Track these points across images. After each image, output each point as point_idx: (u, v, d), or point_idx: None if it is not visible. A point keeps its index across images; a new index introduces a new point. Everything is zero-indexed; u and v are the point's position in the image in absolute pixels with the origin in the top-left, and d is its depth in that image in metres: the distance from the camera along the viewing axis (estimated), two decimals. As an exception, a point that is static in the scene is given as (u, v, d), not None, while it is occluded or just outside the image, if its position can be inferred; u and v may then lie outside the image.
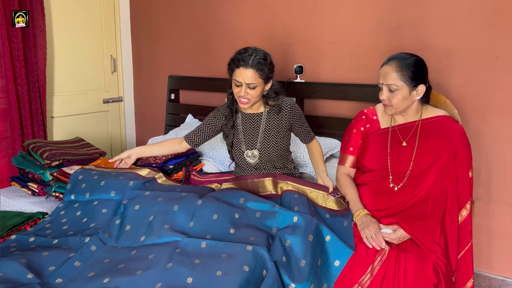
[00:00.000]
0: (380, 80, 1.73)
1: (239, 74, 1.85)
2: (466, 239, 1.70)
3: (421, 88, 1.72)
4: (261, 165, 2.04)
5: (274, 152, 2.01)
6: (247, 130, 2.03)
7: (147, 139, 2.98)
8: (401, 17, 2.32)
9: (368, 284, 1.58)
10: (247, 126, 2.03)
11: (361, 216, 1.71)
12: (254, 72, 1.84)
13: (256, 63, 1.84)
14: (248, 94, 1.88)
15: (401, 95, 1.70)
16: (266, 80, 1.90)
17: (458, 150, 1.71)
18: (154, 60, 3.40)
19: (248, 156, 2.02)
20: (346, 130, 1.95)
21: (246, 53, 1.86)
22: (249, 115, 2.03)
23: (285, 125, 2.01)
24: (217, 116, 2.08)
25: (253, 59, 1.84)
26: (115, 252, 1.50)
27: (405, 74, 1.67)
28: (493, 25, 2.10)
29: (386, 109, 1.76)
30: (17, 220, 1.79)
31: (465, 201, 1.70)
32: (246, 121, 2.03)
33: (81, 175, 1.93)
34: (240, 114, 2.05)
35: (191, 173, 2.35)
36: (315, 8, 2.59)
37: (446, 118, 1.78)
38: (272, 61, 1.92)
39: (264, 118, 2.01)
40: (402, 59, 1.69)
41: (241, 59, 1.85)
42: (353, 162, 1.91)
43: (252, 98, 1.89)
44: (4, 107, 2.63)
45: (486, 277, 2.27)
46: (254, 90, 1.88)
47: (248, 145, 2.02)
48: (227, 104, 2.05)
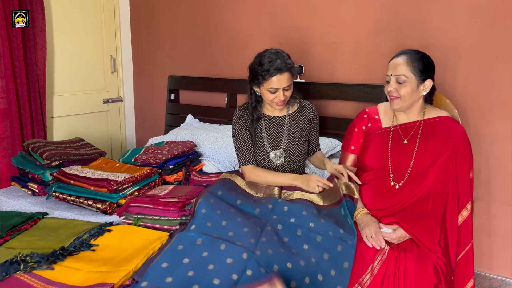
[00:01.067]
0: (388, 72, 1.75)
1: (277, 81, 1.88)
2: (467, 239, 1.70)
3: (428, 84, 1.74)
4: (285, 164, 2.05)
5: (298, 151, 2.05)
6: (271, 133, 2.05)
7: (147, 139, 2.98)
8: (401, 17, 2.33)
9: (368, 284, 1.58)
10: (270, 128, 2.05)
11: (361, 215, 1.72)
12: (289, 75, 1.90)
13: (289, 66, 1.90)
14: (284, 96, 1.93)
15: (410, 87, 1.71)
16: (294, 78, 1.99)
17: (459, 150, 1.72)
18: (154, 60, 3.40)
19: (273, 156, 2.03)
20: (347, 129, 1.95)
21: (277, 59, 1.87)
22: (273, 118, 2.06)
23: (306, 127, 2.07)
24: (244, 127, 2.04)
25: (285, 63, 1.88)
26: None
27: (416, 66, 1.70)
28: (493, 25, 2.10)
29: (393, 103, 1.76)
30: (17, 220, 1.80)
31: (466, 201, 1.70)
32: (270, 124, 2.05)
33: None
34: (264, 118, 2.06)
35: (191, 173, 2.35)
36: (315, 8, 2.59)
37: (448, 119, 1.79)
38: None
39: (287, 120, 2.05)
40: (412, 53, 1.74)
41: (275, 68, 1.86)
42: (354, 160, 1.91)
43: (287, 98, 1.96)
44: (4, 107, 2.63)
45: (486, 277, 2.27)
46: (289, 91, 1.94)
47: (273, 146, 2.04)
48: (248, 112, 2.03)
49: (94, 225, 1.79)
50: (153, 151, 2.37)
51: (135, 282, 1.36)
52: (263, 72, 1.87)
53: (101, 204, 1.93)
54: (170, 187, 2.11)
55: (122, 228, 1.74)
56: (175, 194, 1.96)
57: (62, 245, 1.59)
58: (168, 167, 2.29)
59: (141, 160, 2.31)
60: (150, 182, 2.13)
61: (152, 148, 2.44)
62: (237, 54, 2.92)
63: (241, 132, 2.03)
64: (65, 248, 1.56)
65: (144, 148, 2.50)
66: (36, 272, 1.39)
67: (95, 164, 2.27)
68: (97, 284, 1.33)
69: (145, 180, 2.11)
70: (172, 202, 1.83)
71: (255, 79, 1.92)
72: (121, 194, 1.97)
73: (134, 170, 2.15)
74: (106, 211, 1.93)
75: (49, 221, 1.85)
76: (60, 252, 1.52)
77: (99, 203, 1.94)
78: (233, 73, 2.94)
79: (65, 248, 1.57)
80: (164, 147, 2.46)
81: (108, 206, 1.94)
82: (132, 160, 2.35)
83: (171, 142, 2.57)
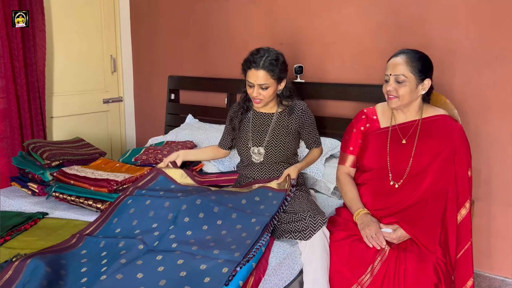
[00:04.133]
0: (387, 72, 1.75)
1: (251, 75, 1.88)
2: (466, 238, 1.70)
3: (427, 83, 1.74)
4: (265, 164, 2.02)
5: (281, 152, 2.01)
6: (256, 128, 2.04)
7: (147, 139, 2.98)
8: (401, 18, 2.33)
9: (368, 284, 1.58)
10: (257, 124, 2.05)
11: (361, 215, 1.72)
12: (266, 73, 1.87)
13: (267, 64, 1.86)
14: (261, 95, 1.91)
15: (409, 87, 1.71)
16: (279, 81, 1.93)
17: (457, 148, 1.72)
18: (154, 60, 3.40)
19: (254, 152, 2.02)
20: (346, 130, 1.95)
21: (258, 54, 1.88)
22: (261, 114, 2.05)
23: (294, 128, 2.02)
24: (233, 115, 2.12)
25: (264, 60, 1.86)
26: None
27: (415, 66, 1.70)
28: (493, 26, 2.10)
29: (391, 101, 1.76)
30: (17, 220, 1.80)
31: (465, 200, 1.71)
32: (257, 119, 2.05)
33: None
34: (252, 112, 2.07)
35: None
36: (316, 8, 2.59)
37: (446, 118, 1.79)
38: (285, 61, 1.94)
39: (275, 118, 2.03)
40: (411, 53, 1.74)
41: (252, 61, 1.87)
42: (353, 161, 1.91)
43: (264, 98, 1.92)
44: (4, 107, 2.63)
45: (486, 277, 2.27)
46: (266, 90, 1.90)
47: (255, 142, 2.03)
48: (240, 102, 2.09)
49: (94, 225, 1.79)
50: (153, 151, 2.37)
51: None
52: (244, 63, 1.93)
53: (101, 204, 1.93)
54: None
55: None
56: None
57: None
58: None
59: (141, 160, 2.31)
60: (150, 182, 2.13)
61: (152, 148, 2.44)
62: (237, 54, 2.91)
63: (228, 119, 2.14)
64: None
65: (144, 148, 2.50)
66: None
67: (95, 164, 2.27)
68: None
69: (145, 180, 2.11)
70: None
71: (241, 69, 1.96)
72: (121, 194, 1.97)
73: (134, 170, 2.15)
74: (106, 211, 1.93)
75: (49, 221, 1.85)
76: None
77: (99, 203, 1.94)
78: (233, 73, 2.93)
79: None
80: (164, 147, 2.46)
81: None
82: (132, 160, 2.35)
83: (171, 142, 2.57)
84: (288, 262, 1.65)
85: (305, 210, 1.72)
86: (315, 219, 1.67)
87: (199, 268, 1.39)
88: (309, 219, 1.67)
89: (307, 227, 1.66)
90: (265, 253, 1.58)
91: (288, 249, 1.68)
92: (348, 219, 1.79)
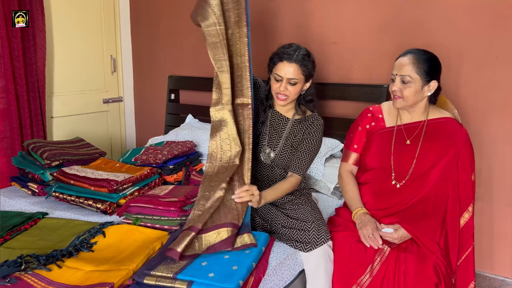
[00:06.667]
0: (394, 72, 1.74)
1: (282, 68, 1.79)
2: (468, 242, 1.70)
3: (433, 85, 1.73)
4: (269, 166, 1.93)
5: (289, 161, 1.89)
6: (272, 128, 1.94)
7: (147, 139, 2.98)
8: (402, 18, 2.32)
9: (367, 284, 1.58)
10: (273, 124, 1.94)
11: (360, 215, 1.71)
12: (298, 67, 1.78)
13: (300, 58, 1.78)
14: (287, 90, 1.80)
15: (414, 88, 1.70)
16: (307, 78, 1.83)
17: (461, 154, 1.71)
18: (154, 60, 3.40)
19: (265, 152, 1.91)
20: (350, 127, 1.94)
21: (291, 48, 1.80)
22: (277, 114, 1.94)
23: (301, 138, 1.90)
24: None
25: (297, 54, 1.78)
26: None
27: (421, 67, 1.68)
28: (493, 25, 2.10)
29: (396, 102, 1.75)
30: (17, 220, 1.79)
31: (468, 204, 1.71)
32: (273, 120, 1.94)
33: None
34: (271, 110, 1.96)
35: (191, 173, 2.35)
36: (316, 8, 2.59)
37: (451, 121, 1.78)
38: (314, 60, 1.86)
39: (289, 125, 1.91)
40: (419, 53, 1.71)
41: (285, 53, 1.78)
42: (356, 159, 1.90)
43: (290, 95, 1.81)
44: (4, 107, 2.63)
45: (487, 277, 2.27)
46: (294, 86, 1.80)
47: (270, 143, 1.92)
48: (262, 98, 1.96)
49: (94, 225, 1.79)
50: (153, 151, 2.37)
51: (135, 283, 1.36)
52: (274, 56, 1.83)
53: (101, 204, 1.93)
54: (170, 187, 2.11)
55: (122, 227, 1.73)
56: (175, 194, 1.96)
57: (62, 245, 1.59)
58: (168, 167, 2.28)
59: (141, 160, 2.31)
60: (150, 182, 2.13)
61: (152, 148, 2.44)
62: (237, 54, 2.92)
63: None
64: (65, 249, 1.55)
65: (144, 148, 2.50)
66: (36, 271, 1.39)
67: (95, 164, 2.27)
68: (97, 283, 1.33)
69: (145, 180, 2.11)
70: (172, 201, 1.83)
71: (268, 65, 1.86)
72: (121, 194, 1.97)
73: (134, 170, 2.14)
74: (106, 211, 1.93)
75: (49, 221, 1.85)
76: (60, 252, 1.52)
77: (99, 203, 1.94)
78: (233, 73, 2.93)
79: (65, 248, 1.56)
80: (164, 147, 2.46)
81: (108, 206, 1.93)
82: (132, 160, 2.34)
83: (171, 142, 2.57)
84: (288, 262, 1.65)
85: (309, 219, 1.69)
86: (319, 233, 1.66)
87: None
88: (313, 232, 1.65)
89: (310, 240, 1.65)
90: (265, 253, 1.57)
91: (289, 249, 1.68)
92: (348, 219, 1.79)
